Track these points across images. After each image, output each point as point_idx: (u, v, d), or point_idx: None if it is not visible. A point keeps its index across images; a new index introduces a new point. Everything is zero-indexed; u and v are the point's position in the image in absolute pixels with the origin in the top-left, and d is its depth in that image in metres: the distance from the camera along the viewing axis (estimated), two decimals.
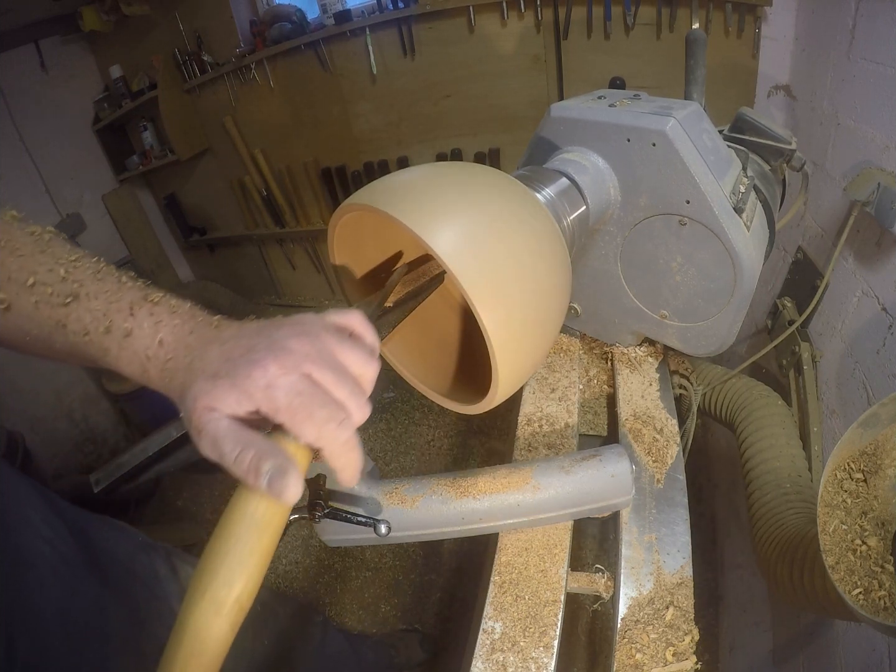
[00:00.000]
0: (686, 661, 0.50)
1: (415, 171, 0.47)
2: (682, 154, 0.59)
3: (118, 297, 0.37)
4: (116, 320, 0.36)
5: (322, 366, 0.34)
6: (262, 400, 0.32)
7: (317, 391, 0.33)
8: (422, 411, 2.24)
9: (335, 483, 0.60)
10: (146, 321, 0.36)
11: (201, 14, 2.03)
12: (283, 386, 0.32)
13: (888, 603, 0.49)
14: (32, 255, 0.37)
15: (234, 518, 0.33)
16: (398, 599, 1.64)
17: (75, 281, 0.37)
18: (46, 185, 2.14)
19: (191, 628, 0.30)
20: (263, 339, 0.35)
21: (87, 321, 0.36)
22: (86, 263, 0.39)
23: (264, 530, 0.33)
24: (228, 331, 0.36)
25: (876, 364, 0.87)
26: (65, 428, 2.19)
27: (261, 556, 0.32)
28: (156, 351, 0.36)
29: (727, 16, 1.46)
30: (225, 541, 0.32)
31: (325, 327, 0.37)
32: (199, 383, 0.33)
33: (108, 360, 0.37)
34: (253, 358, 0.33)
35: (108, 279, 0.38)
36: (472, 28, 1.77)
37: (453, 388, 0.57)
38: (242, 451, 0.31)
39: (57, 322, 0.37)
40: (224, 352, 0.34)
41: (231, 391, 0.32)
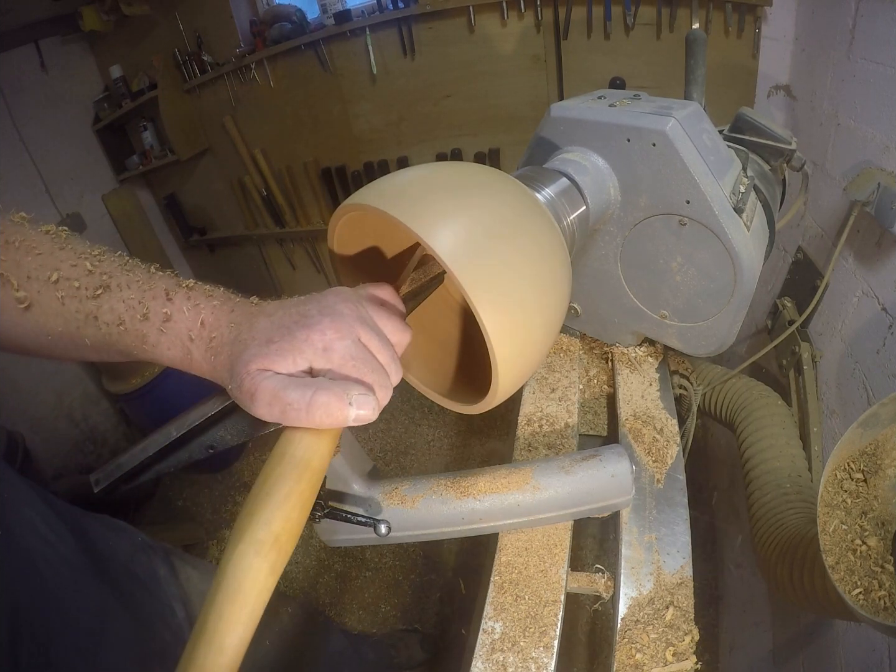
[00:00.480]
0: (686, 661, 0.50)
1: (415, 170, 0.47)
2: (682, 154, 0.59)
3: (151, 286, 0.37)
4: (154, 307, 0.36)
5: (369, 330, 0.37)
6: (318, 361, 0.34)
7: (367, 355, 0.36)
8: (422, 411, 2.24)
9: (335, 483, 0.60)
10: (185, 304, 0.36)
11: (201, 14, 2.03)
12: (340, 349, 0.35)
13: (888, 603, 0.49)
14: (52, 253, 0.37)
15: (275, 461, 0.34)
16: (398, 599, 1.64)
17: (103, 273, 0.37)
18: (46, 185, 2.14)
19: (230, 570, 0.30)
20: (313, 305, 0.36)
21: (122, 310, 0.36)
22: (111, 257, 0.39)
23: (303, 471, 0.33)
24: (271, 305, 0.38)
25: (876, 364, 0.87)
26: (65, 428, 2.19)
27: (299, 497, 0.33)
28: (199, 332, 0.36)
29: (727, 16, 1.46)
30: (263, 483, 0.32)
31: (364, 296, 0.40)
32: (252, 348, 0.34)
33: (146, 348, 0.37)
34: (308, 322, 0.35)
35: (137, 270, 0.38)
36: (472, 28, 1.77)
37: (453, 388, 0.57)
38: (318, 391, 0.32)
39: (87, 315, 0.36)
40: (274, 321, 0.36)
41: (289, 353, 0.34)
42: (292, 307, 0.37)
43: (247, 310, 0.37)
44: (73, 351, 0.40)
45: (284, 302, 0.38)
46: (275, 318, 0.36)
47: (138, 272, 0.38)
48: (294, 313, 0.36)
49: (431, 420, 2.21)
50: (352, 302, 0.38)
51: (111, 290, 0.36)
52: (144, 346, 0.37)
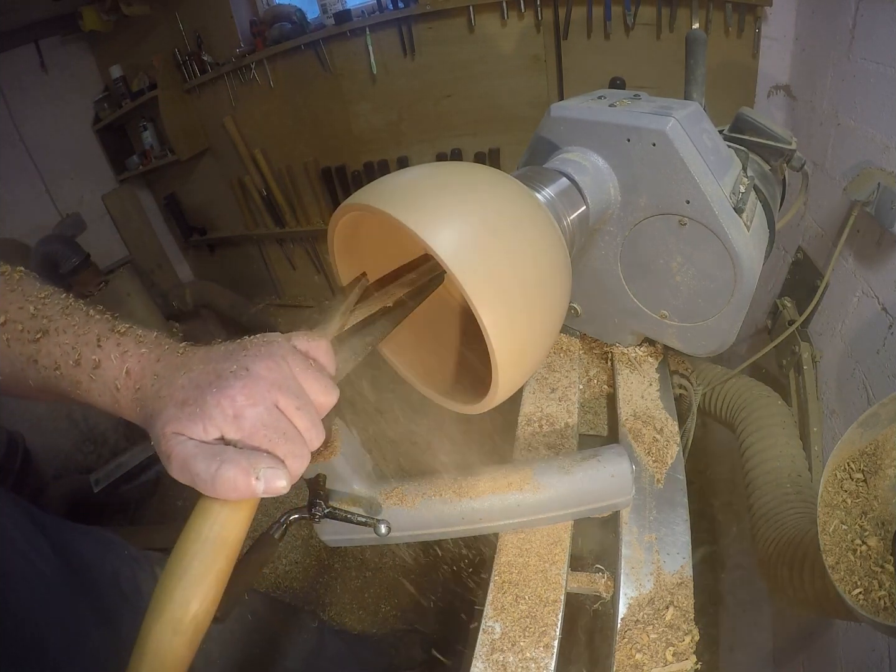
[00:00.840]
0: (686, 661, 0.50)
1: (415, 170, 0.47)
2: (682, 154, 0.59)
3: (86, 330, 0.37)
4: (85, 353, 0.36)
5: (287, 394, 0.35)
6: (228, 429, 0.33)
7: (281, 423, 0.34)
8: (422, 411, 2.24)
9: (335, 483, 0.60)
10: (114, 352, 0.36)
11: (201, 14, 2.03)
12: (250, 417, 0.33)
13: (888, 603, 0.49)
14: (3, 294, 0.38)
15: (191, 537, 0.33)
16: (398, 599, 1.64)
17: (44, 317, 0.38)
18: (46, 185, 2.14)
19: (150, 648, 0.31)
20: (231, 363, 0.35)
21: (57, 355, 0.37)
22: (55, 300, 0.39)
23: (220, 548, 0.33)
24: (196, 356, 0.37)
25: (876, 364, 0.87)
26: (65, 428, 2.19)
27: (217, 574, 0.33)
28: (124, 381, 0.36)
29: (727, 16, 1.46)
30: (180, 560, 0.33)
31: (291, 351, 0.37)
32: (168, 410, 0.34)
33: (80, 393, 0.37)
34: (221, 385, 0.34)
35: (77, 313, 0.39)
36: (472, 28, 1.77)
37: (453, 388, 0.57)
38: (223, 464, 0.32)
39: (28, 357, 0.37)
40: (192, 378, 0.35)
41: (199, 419, 0.33)
42: (212, 362, 0.36)
43: (171, 361, 0.37)
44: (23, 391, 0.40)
45: (210, 352, 0.37)
46: (193, 374, 0.35)
47: (77, 316, 0.38)
48: (211, 371, 0.35)
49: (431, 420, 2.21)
50: (274, 360, 0.36)
51: (49, 335, 0.37)
52: (78, 391, 0.37)
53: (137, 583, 0.70)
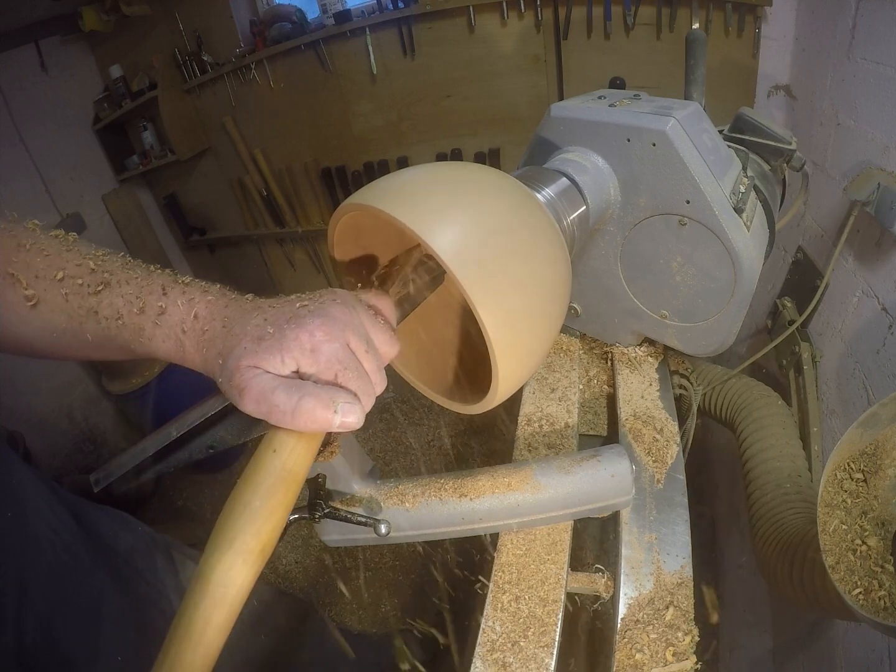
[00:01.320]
0: (686, 661, 0.50)
1: (414, 170, 0.47)
2: (682, 154, 0.59)
3: (149, 282, 0.38)
4: (149, 300, 0.37)
5: (359, 336, 0.37)
6: (305, 362, 0.35)
7: (353, 361, 0.36)
8: (422, 411, 2.24)
9: (335, 483, 0.60)
10: (180, 298, 0.37)
11: (201, 14, 2.03)
12: (327, 352, 0.35)
13: (888, 603, 0.49)
14: (59, 254, 0.39)
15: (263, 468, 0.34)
16: (398, 599, 1.64)
17: (105, 271, 0.39)
18: (46, 185, 2.14)
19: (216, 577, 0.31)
20: (308, 305, 0.37)
21: (120, 305, 0.37)
22: (114, 257, 0.40)
23: (291, 483, 0.34)
24: (267, 302, 0.38)
25: (876, 364, 0.87)
26: (65, 428, 2.19)
27: (286, 506, 0.34)
28: (192, 324, 0.37)
29: (727, 16, 1.46)
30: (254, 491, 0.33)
31: (359, 302, 0.40)
32: (243, 344, 0.35)
33: (143, 341, 0.38)
34: (300, 322, 0.35)
35: (137, 268, 0.40)
36: (472, 28, 1.77)
37: (453, 388, 0.57)
38: (304, 397, 0.33)
39: (89, 310, 0.38)
40: (268, 318, 0.36)
41: (277, 352, 0.34)
42: (287, 305, 0.37)
43: (241, 305, 0.38)
44: (76, 348, 0.41)
45: (280, 299, 0.39)
46: (268, 314, 0.36)
47: (138, 270, 0.40)
48: (287, 311, 0.36)
49: (431, 420, 2.21)
50: (346, 307, 0.38)
51: (111, 287, 0.38)
52: (141, 339, 0.38)
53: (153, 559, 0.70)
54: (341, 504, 0.59)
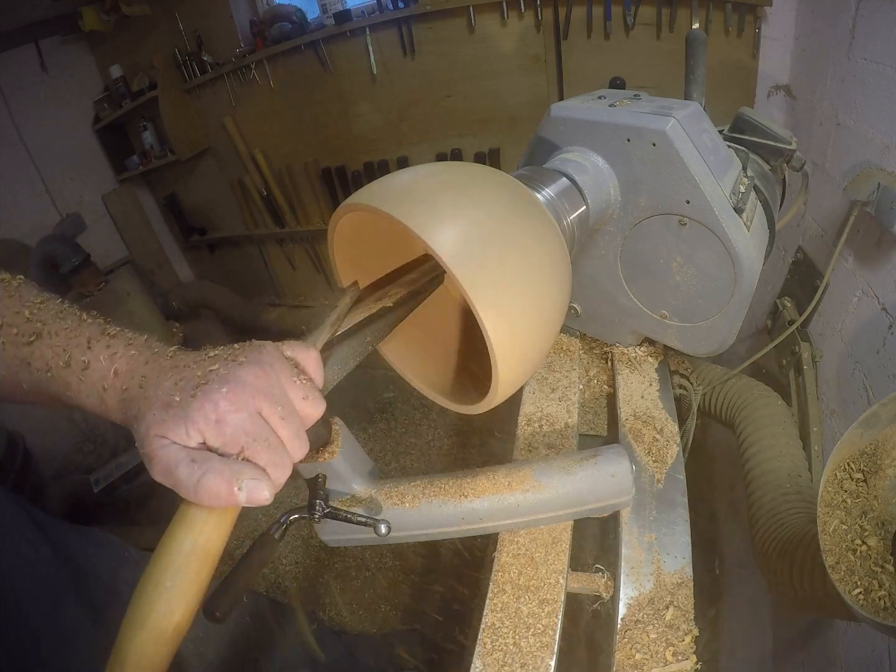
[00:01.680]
0: (686, 661, 0.50)
1: (414, 170, 0.47)
2: (682, 154, 0.59)
3: (77, 333, 0.38)
4: (75, 354, 0.37)
5: (272, 402, 0.35)
6: (210, 434, 0.33)
7: (263, 430, 0.34)
8: (422, 411, 2.24)
9: (335, 483, 0.60)
10: (103, 353, 0.37)
11: (201, 14, 2.03)
12: (232, 423, 0.33)
13: (888, 603, 0.49)
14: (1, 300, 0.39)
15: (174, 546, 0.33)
16: (398, 599, 1.64)
17: (39, 321, 0.39)
18: (46, 185, 2.14)
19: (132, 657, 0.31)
20: (218, 368, 0.35)
21: (49, 357, 0.37)
22: (50, 305, 0.40)
23: (205, 560, 0.34)
24: (184, 360, 0.37)
25: (876, 364, 0.87)
26: (65, 428, 2.19)
27: (200, 584, 0.33)
28: (112, 381, 0.36)
29: (727, 16, 1.45)
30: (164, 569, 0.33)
31: (279, 360, 0.37)
32: (152, 412, 0.34)
33: (70, 395, 0.38)
34: (206, 390, 0.33)
35: (70, 317, 0.39)
36: (472, 28, 1.77)
37: (453, 388, 0.57)
38: (206, 473, 0.32)
39: (22, 360, 0.38)
40: (179, 382, 0.35)
41: (181, 422, 0.33)
42: (200, 366, 0.36)
43: (159, 363, 0.37)
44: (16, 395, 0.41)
45: (199, 356, 0.37)
46: (180, 376, 0.35)
47: (70, 319, 0.39)
48: (197, 376, 0.35)
49: (431, 420, 2.21)
50: (261, 367, 0.36)
51: (42, 338, 0.38)
52: (68, 392, 0.38)
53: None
54: (341, 504, 0.59)
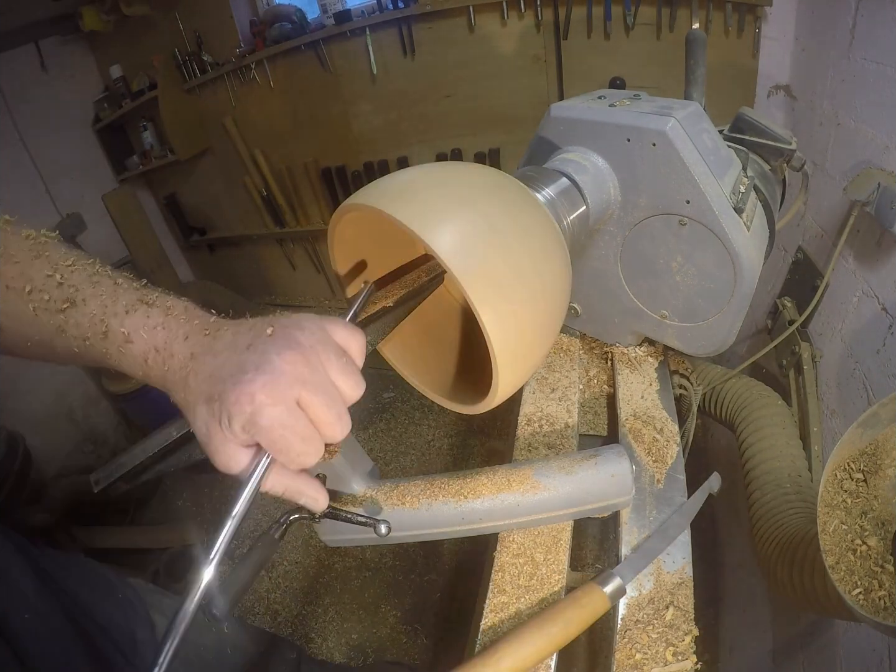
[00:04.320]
0: (686, 661, 0.50)
1: (415, 170, 0.47)
2: (682, 154, 0.59)
3: (114, 300, 0.37)
4: (113, 325, 0.36)
5: (314, 389, 0.34)
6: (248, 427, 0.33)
7: (299, 423, 0.34)
8: (422, 411, 2.24)
9: (335, 483, 0.60)
10: (142, 326, 0.36)
11: (201, 14, 2.03)
12: (268, 416, 0.33)
13: (888, 603, 0.49)
14: (29, 262, 0.38)
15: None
16: (398, 599, 1.64)
17: (71, 286, 0.37)
18: (46, 185, 2.14)
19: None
20: (254, 353, 0.34)
21: (86, 326, 0.37)
22: (82, 267, 0.39)
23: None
24: (222, 339, 0.36)
25: (876, 364, 0.87)
26: (65, 428, 2.19)
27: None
28: (153, 357, 0.36)
29: (727, 16, 1.46)
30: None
31: (322, 341, 0.36)
32: (199, 405, 0.34)
33: (111, 363, 0.37)
34: (242, 381, 0.33)
35: (104, 282, 0.38)
36: (472, 28, 1.77)
37: (453, 388, 0.57)
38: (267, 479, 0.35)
39: (57, 327, 0.37)
40: (217, 368, 0.34)
41: (223, 415, 0.33)
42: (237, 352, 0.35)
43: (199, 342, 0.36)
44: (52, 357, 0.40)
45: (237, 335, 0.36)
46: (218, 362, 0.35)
47: (104, 285, 0.38)
48: (234, 363, 0.34)
49: (431, 420, 2.21)
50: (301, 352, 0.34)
51: (76, 305, 0.37)
52: (108, 360, 0.37)
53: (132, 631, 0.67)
54: (341, 504, 0.59)
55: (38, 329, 0.37)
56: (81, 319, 0.37)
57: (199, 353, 0.35)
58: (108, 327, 0.36)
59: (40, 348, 0.39)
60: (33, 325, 0.37)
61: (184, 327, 0.36)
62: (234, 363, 0.34)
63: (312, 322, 0.37)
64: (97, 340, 0.36)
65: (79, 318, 0.37)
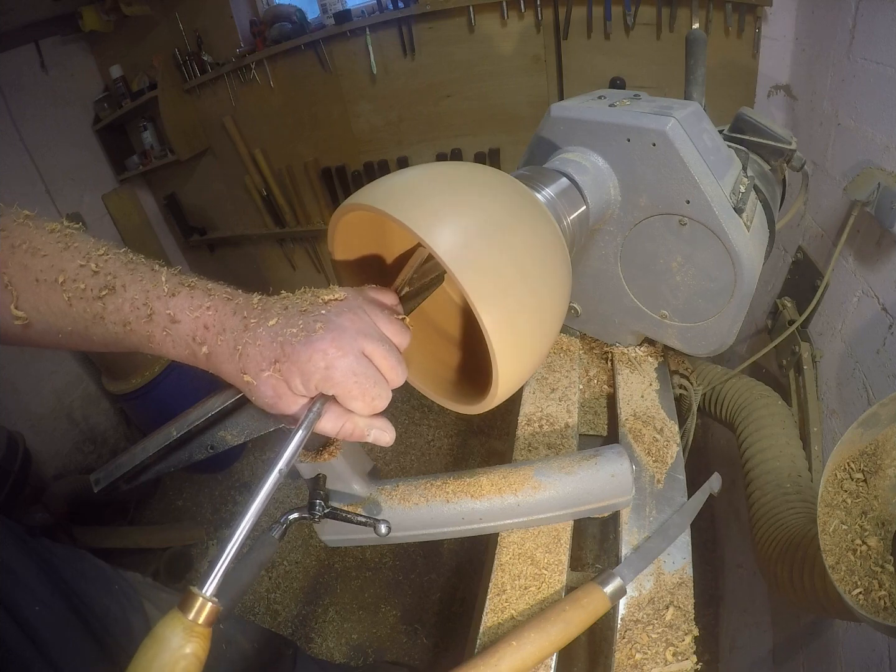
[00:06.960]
0: (686, 661, 0.50)
1: (415, 170, 0.47)
2: (682, 154, 0.59)
3: (155, 285, 0.38)
4: (157, 307, 0.37)
5: (373, 340, 0.38)
6: (323, 380, 0.36)
7: (369, 369, 0.37)
8: (422, 411, 2.24)
9: (335, 483, 0.60)
10: (187, 306, 0.37)
11: (201, 14, 2.03)
12: (342, 367, 0.36)
13: (888, 603, 0.49)
14: (58, 254, 0.38)
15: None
16: (398, 599, 1.64)
17: (108, 273, 0.38)
18: (46, 185, 2.13)
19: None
20: (313, 318, 0.37)
21: (127, 311, 0.37)
22: (115, 255, 0.40)
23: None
24: (273, 308, 0.38)
25: (876, 364, 0.87)
26: (65, 428, 2.19)
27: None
28: (202, 334, 0.37)
29: (727, 16, 1.46)
30: None
31: (366, 301, 0.40)
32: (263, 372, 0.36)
33: (153, 347, 0.38)
34: (311, 339, 0.36)
35: (141, 269, 0.39)
36: (472, 28, 1.77)
37: (453, 388, 0.57)
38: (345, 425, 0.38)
39: (94, 315, 0.38)
40: (276, 332, 0.36)
41: (295, 374, 0.35)
42: (293, 316, 0.37)
43: (248, 314, 0.38)
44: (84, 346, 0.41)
45: (287, 303, 0.39)
46: (275, 328, 0.36)
47: (142, 271, 0.39)
48: (296, 325, 0.36)
49: (431, 420, 2.21)
50: (354, 312, 0.38)
51: (115, 292, 0.37)
52: (151, 344, 0.38)
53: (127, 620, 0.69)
54: (341, 504, 0.59)
55: (73, 319, 0.38)
56: (122, 305, 0.37)
57: (253, 325, 0.37)
58: (152, 310, 0.37)
59: (73, 338, 0.40)
60: (66, 316, 0.38)
61: (229, 304, 0.38)
62: (296, 326, 0.36)
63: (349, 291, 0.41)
64: (140, 324, 0.37)
65: (119, 303, 0.37)
